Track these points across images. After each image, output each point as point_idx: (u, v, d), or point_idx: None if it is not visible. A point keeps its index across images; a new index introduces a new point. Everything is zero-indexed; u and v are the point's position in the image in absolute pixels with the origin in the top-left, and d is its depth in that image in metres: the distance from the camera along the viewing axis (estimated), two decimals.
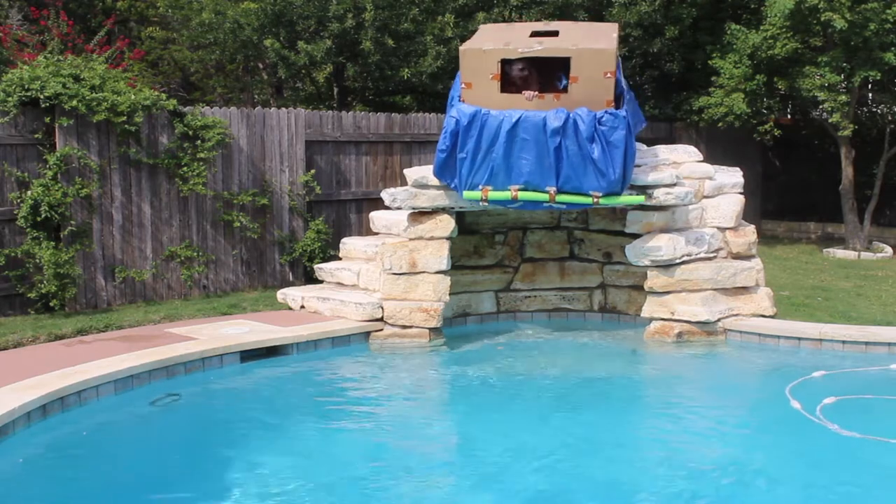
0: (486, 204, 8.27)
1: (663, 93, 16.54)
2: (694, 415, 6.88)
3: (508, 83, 8.28)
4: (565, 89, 8.16)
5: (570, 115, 7.99)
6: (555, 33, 8.42)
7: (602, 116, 7.97)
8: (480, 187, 8.17)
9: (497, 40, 8.32)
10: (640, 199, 8.35)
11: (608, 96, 8.05)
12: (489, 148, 8.04)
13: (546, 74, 8.39)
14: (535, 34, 8.41)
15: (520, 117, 8.00)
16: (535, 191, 8.15)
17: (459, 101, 8.29)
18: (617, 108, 8.13)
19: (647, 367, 8.22)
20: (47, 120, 9.05)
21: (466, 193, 8.25)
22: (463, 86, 8.23)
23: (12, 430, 5.81)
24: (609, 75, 7.98)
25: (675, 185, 8.69)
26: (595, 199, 8.11)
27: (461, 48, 8.24)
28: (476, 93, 8.19)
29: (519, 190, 8.15)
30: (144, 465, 5.67)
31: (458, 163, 8.19)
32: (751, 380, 7.93)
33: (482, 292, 9.60)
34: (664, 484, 5.44)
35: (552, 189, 8.09)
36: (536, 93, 8.14)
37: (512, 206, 8.36)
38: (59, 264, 8.79)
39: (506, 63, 8.15)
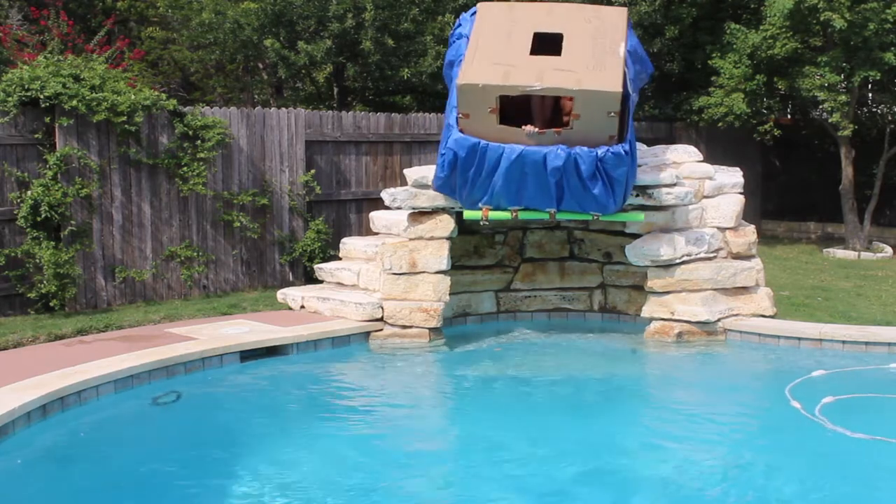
0: (486, 223, 8.33)
1: (663, 93, 16.54)
2: (693, 414, 6.87)
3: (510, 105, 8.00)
4: (567, 124, 7.86)
5: (571, 153, 7.69)
6: (558, 41, 7.99)
7: (604, 156, 7.69)
8: (480, 206, 8.17)
9: (495, 60, 7.81)
10: (639, 216, 8.42)
11: (612, 132, 7.74)
12: (488, 176, 7.88)
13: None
14: (536, 41, 7.97)
15: (519, 153, 7.73)
16: (535, 210, 8.16)
17: (457, 127, 7.94)
18: (622, 120, 7.82)
19: (646, 367, 8.22)
20: (47, 120, 9.05)
21: (467, 213, 8.31)
22: (460, 115, 7.88)
23: (12, 430, 5.81)
24: (613, 114, 7.64)
25: (675, 185, 8.70)
26: (595, 216, 8.18)
27: (458, 83, 7.77)
28: (474, 123, 7.85)
29: (519, 211, 8.16)
30: (144, 464, 5.66)
31: (457, 186, 8.13)
32: (750, 380, 7.93)
33: (482, 292, 9.60)
34: (663, 483, 5.44)
35: (552, 210, 8.10)
36: (536, 129, 7.83)
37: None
38: (59, 264, 8.79)
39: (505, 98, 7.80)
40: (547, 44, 8.03)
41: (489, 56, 7.91)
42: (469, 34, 8.37)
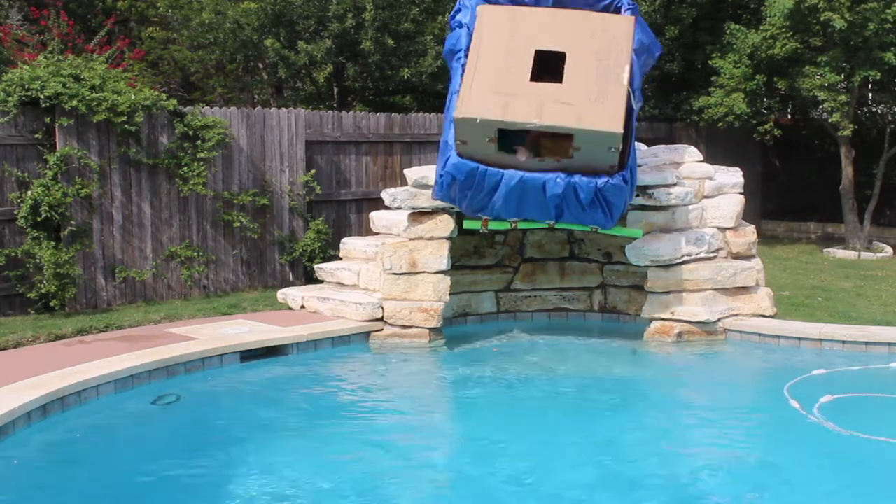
0: (486, 231, 8.31)
1: (663, 93, 16.54)
2: (693, 414, 6.89)
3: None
4: (567, 152, 7.66)
5: (570, 182, 7.59)
6: (561, 60, 7.69)
7: (603, 186, 7.60)
8: (480, 215, 8.14)
9: (494, 87, 7.51)
10: (637, 232, 8.45)
11: (612, 162, 7.59)
12: (488, 195, 7.80)
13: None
14: (537, 61, 7.66)
15: (518, 180, 7.63)
16: (534, 221, 8.14)
17: (455, 149, 7.72)
18: (625, 136, 7.62)
19: (646, 367, 8.21)
20: (47, 120, 9.05)
21: (467, 222, 8.31)
22: (458, 142, 7.67)
23: (12, 430, 5.82)
24: (614, 150, 7.48)
25: (675, 185, 8.71)
26: (594, 229, 8.14)
27: (455, 115, 7.49)
28: (472, 149, 7.66)
29: (518, 221, 8.13)
30: (144, 464, 5.66)
31: (457, 199, 8.06)
32: (750, 379, 7.95)
33: (482, 292, 9.60)
34: (662, 483, 5.44)
35: (551, 222, 8.09)
36: (530, 156, 7.71)
37: None
38: (59, 264, 8.79)
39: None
40: (548, 64, 7.73)
41: (488, 80, 7.63)
42: (469, 24, 8.16)
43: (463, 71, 7.97)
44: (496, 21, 8.00)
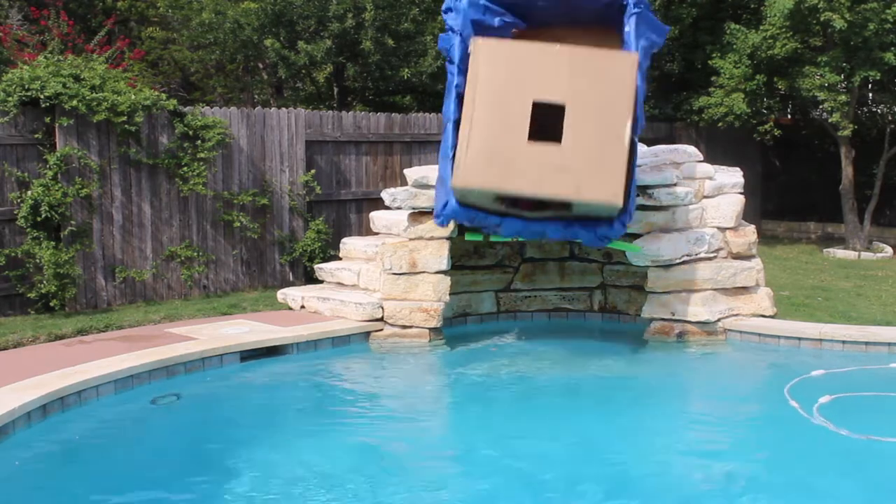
0: (487, 241, 8.31)
1: (663, 93, 16.55)
2: (692, 414, 6.90)
3: None
4: (566, 208, 7.53)
5: (571, 230, 7.63)
6: (560, 113, 7.14)
7: (603, 235, 7.62)
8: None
9: (491, 146, 7.14)
10: (637, 248, 8.46)
11: (612, 213, 7.44)
12: (490, 227, 7.79)
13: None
14: (535, 116, 7.19)
15: (519, 226, 7.60)
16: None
17: (454, 195, 7.47)
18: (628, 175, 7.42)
19: (646, 367, 8.21)
20: (47, 120, 9.05)
21: (469, 234, 8.31)
22: (457, 197, 7.43)
23: (12, 430, 5.82)
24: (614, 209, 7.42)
25: (675, 185, 8.71)
26: None
27: (453, 184, 7.18)
28: (471, 202, 7.51)
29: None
30: (144, 465, 5.68)
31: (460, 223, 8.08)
32: (750, 379, 7.95)
33: (482, 292, 9.60)
34: (660, 483, 5.45)
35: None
36: (536, 211, 7.65)
37: None
38: (59, 264, 8.79)
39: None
40: (547, 118, 7.26)
41: (485, 140, 7.17)
42: (462, 31, 7.81)
43: (456, 94, 7.63)
44: (493, 62, 7.34)
